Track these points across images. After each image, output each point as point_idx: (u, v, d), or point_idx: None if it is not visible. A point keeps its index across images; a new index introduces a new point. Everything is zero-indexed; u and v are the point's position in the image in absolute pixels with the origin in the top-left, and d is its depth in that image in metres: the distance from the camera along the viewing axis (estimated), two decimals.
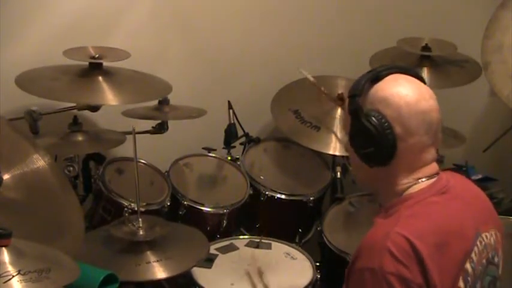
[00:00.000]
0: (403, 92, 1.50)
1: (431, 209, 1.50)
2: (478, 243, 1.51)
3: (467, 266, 1.48)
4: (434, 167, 1.56)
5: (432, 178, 1.54)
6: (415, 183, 1.53)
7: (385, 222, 1.50)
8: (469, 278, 1.48)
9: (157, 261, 2.08)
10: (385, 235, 1.43)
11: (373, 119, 1.49)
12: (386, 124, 1.48)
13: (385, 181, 1.55)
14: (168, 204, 2.55)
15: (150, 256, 2.10)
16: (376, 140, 1.49)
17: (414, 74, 1.58)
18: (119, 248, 2.13)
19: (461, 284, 1.46)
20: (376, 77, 1.55)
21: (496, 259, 1.58)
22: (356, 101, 1.53)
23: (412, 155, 1.51)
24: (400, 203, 1.52)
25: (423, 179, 1.53)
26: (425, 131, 1.50)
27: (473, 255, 1.50)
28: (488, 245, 1.54)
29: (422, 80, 1.58)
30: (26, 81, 2.29)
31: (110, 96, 2.29)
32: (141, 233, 2.12)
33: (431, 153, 1.54)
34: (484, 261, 1.53)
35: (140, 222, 2.14)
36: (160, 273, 2.05)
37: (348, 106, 1.55)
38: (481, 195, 1.65)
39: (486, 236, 1.55)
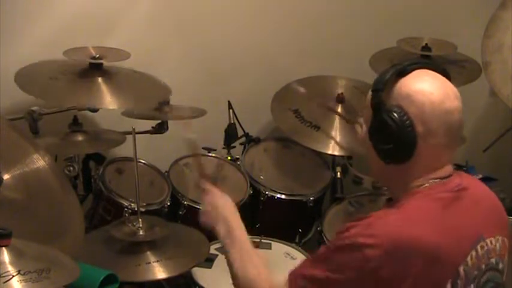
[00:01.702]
0: (428, 89, 1.46)
1: (436, 204, 1.47)
2: (479, 247, 1.49)
3: (460, 268, 1.45)
4: (449, 168, 1.52)
5: (445, 179, 1.51)
6: (427, 183, 1.50)
7: (388, 210, 1.49)
8: (458, 281, 1.45)
9: (157, 261, 2.09)
10: (380, 219, 1.44)
11: (395, 115, 1.44)
12: (408, 122, 1.44)
13: (400, 179, 1.52)
14: (168, 204, 2.55)
15: (150, 256, 2.10)
16: (397, 137, 1.45)
17: (441, 70, 1.53)
18: (119, 248, 2.14)
19: (448, 286, 1.43)
20: (401, 71, 1.50)
21: (500, 265, 1.55)
22: (379, 95, 1.48)
23: (430, 155, 1.48)
24: (409, 196, 1.50)
25: (436, 180, 1.50)
26: (444, 133, 1.46)
27: (468, 258, 1.47)
28: (491, 251, 1.52)
29: (448, 77, 1.53)
30: (27, 82, 2.28)
31: (108, 100, 2.28)
32: (141, 233, 2.13)
33: (448, 156, 1.51)
34: (483, 266, 1.50)
35: (140, 223, 2.14)
36: (160, 273, 2.06)
37: (371, 100, 1.50)
38: (493, 201, 1.62)
39: (491, 242, 1.52)
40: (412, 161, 1.48)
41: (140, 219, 2.14)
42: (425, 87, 1.47)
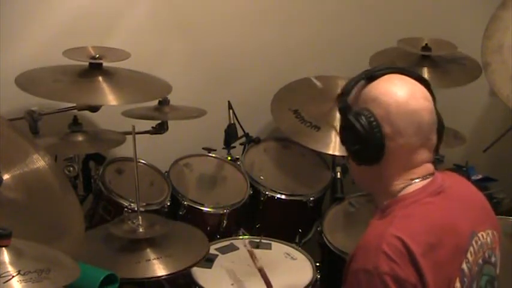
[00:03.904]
0: (394, 91, 1.50)
1: (426, 209, 1.50)
2: (474, 243, 1.51)
3: (464, 266, 1.48)
4: (428, 167, 1.55)
5: (427, 179, 1.54)
6: (409, 184, 1.53)
7: (380, 223, 1.50)
8: (465, 279, 1.48)
9: (157, 258, 2.08)
10: (379, 236, 1.44)
11: (362, 117, 1.49)
12: (374, 123, 1.48)
13: (379, 181, 1.55)
14: (168, 204, 2.55)
15: (150, 254, 2.10)
16: (364, 138, 1.49)
17: (412, 74, 1.56)
18: (119, 245, 2.14)
19: (458, 284, 1.46)
20: (371, 76, 1.54)
21: (493, 259, 1.58)
22: (344, 99, 1.54)
23: (402, 155, 1.51)
24: (394, 204, 1.52)
25: (417, 180, 1.53)
26: (414, 132, 1.49)
27: (469, 255, 1.49)
28: (484, 245, 1.54)
29: (422, 79, 1.56)
30: (27, 83, 2.28)
31: (110, 97, 2.29)
32: (140, 230, 2.12)
33: (422, 155, 1.53)
34: (480, 261, 1.53)
35: (140, 220, 2.14)
36: (160, 270, 2.05)
37: (337, 104, 1.56)
38: (477, 195, 1.64)
39: (482, 236, 1.54)
40: (385, 161, 1.51)
41: (140, 217, 2.14)
42: (391, 89, 1.51)
